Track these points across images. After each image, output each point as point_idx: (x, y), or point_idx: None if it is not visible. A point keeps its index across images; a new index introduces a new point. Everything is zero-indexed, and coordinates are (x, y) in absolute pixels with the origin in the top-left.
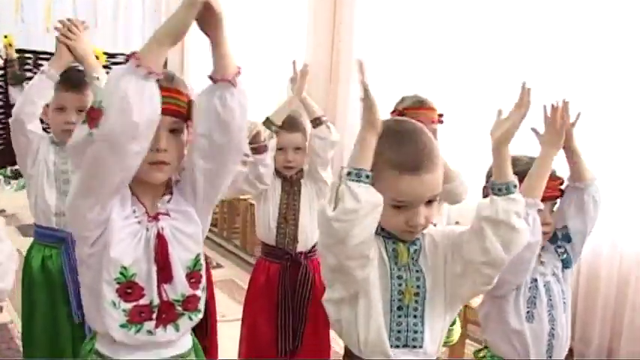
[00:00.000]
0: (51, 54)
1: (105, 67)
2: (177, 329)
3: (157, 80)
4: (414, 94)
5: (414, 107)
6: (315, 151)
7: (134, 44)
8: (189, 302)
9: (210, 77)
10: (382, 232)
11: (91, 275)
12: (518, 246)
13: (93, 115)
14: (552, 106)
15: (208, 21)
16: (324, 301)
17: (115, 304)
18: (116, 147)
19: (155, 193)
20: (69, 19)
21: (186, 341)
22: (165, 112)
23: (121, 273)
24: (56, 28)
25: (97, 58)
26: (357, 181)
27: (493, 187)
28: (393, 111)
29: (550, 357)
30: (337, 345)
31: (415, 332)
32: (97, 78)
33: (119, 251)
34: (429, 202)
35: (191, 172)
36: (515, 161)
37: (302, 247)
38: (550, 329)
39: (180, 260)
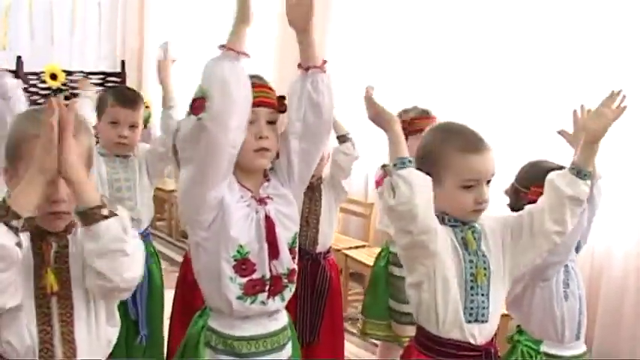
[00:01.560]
0: (9, 71)
1: (63, 84)
2: (282, 299)
3: (251, 78)
4: (414, 106)
5: (421, 117)
6: (339, 165)
7: (90, 61)
8: (291, 275)
9: (300, 66)
10: (449, 222)
11: (207, 256)
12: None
13: (198, 105)
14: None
15: (298, 13)
16: (407, 286)
17: (232, 279)
18: (222, 123)
19: (256, 179)
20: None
21: (284, 315)
22: (262, 104)
23: (238, 251)
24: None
25: (56, 75)
26: (402, 167)
27: (579, 172)
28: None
29: (579, 333)
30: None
31: (483, 308)
32: (172, 107)
33: (236, 231)
34: (487, 183)
35: (287, 157)
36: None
37: (321, 247)
38: (579, 307)
39: (284, 238)
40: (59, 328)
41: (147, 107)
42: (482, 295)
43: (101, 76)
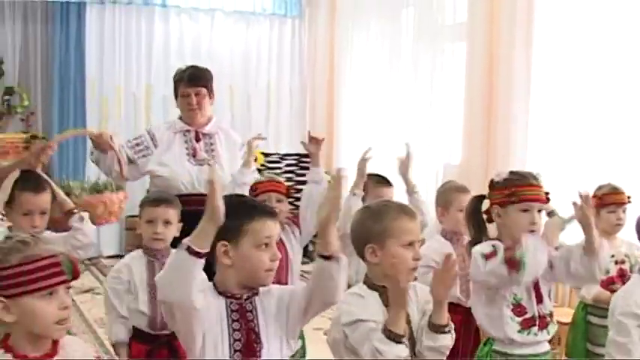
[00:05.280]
0: None
1: (262, 165)
2: (548, 333)
3: None
4: (608, 183)
5: (612, 192)
6: None
7: (283, 144)
8: (551, 315)
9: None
10: None
11: (494, 305)
12: None
13: (514, 264)
14: None
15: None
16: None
17: (511, 319)
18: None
19: None
20: None
21: (547, 345)
22: None
23: (514, 298)
24: None
25: (256, 157)
26: None
27: None
28: (593, 196)
29: None
30: None
31: None
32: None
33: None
34: None
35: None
36: None
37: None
38: None
39: (545, 291)
40: None
41: None
42: None
43: (295, 157)
